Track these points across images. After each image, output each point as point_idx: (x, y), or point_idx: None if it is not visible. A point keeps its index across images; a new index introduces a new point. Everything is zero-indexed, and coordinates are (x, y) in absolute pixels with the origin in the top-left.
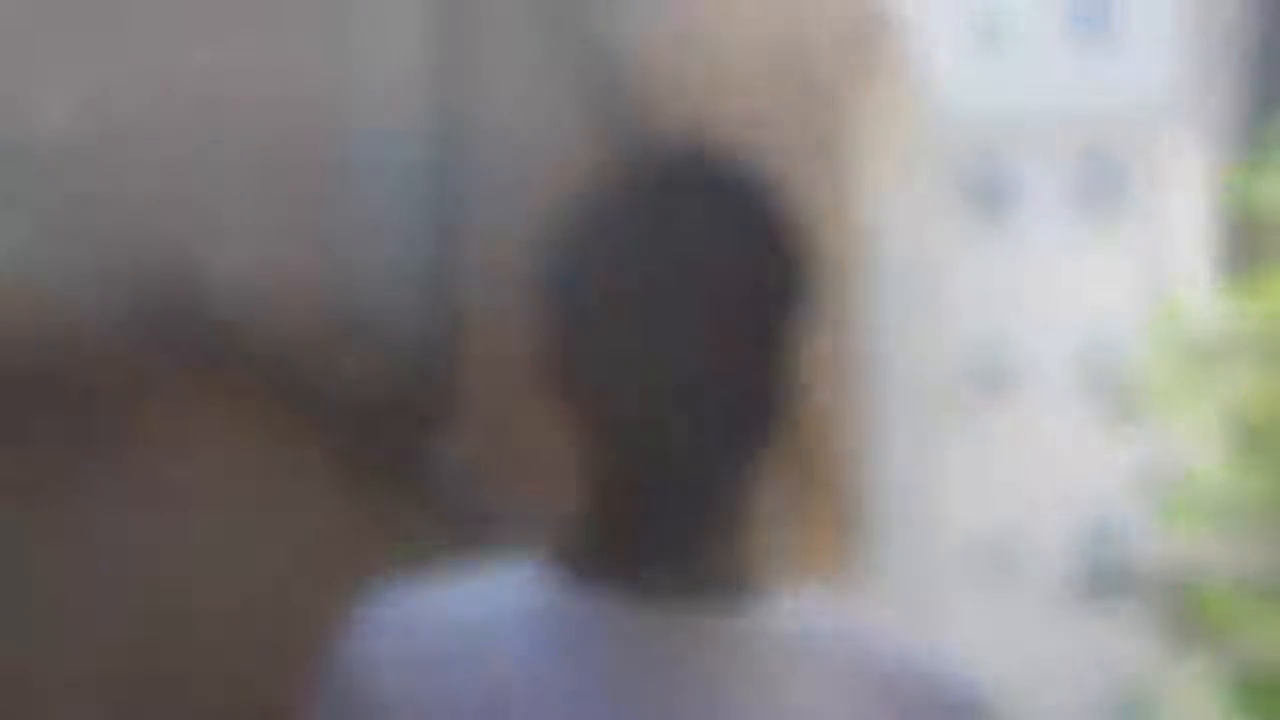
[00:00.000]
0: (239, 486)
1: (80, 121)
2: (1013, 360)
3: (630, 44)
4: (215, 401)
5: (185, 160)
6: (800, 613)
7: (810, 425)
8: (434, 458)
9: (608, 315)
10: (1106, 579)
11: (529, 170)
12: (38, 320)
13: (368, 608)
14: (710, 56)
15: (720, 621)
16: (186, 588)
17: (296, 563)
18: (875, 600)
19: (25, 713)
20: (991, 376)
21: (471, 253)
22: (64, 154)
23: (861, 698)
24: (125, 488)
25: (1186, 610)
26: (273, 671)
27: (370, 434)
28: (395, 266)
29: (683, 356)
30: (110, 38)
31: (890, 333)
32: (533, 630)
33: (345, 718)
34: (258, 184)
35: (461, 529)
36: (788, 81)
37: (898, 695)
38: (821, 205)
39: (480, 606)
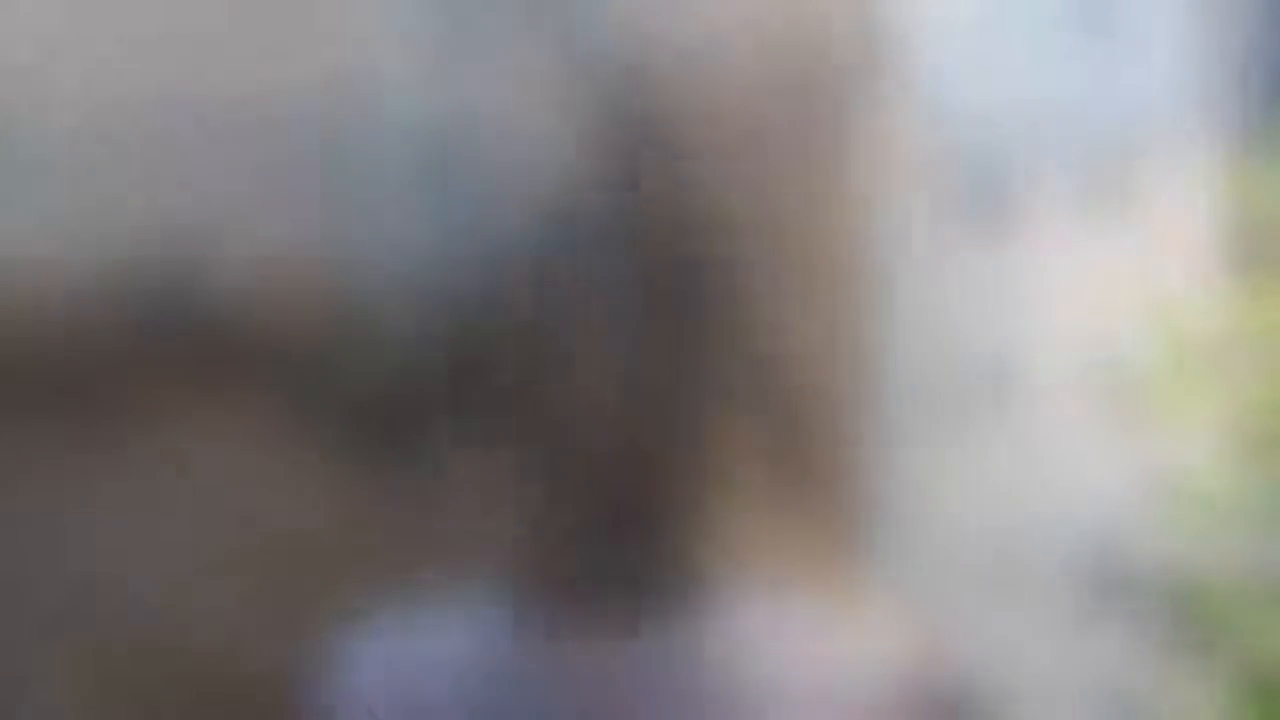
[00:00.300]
0: (237, 485)
1: (77, 116)
2: (1015, 362)
3: (626, 43)
4: (214, 399)
5: (183, 156)
6: (777, 631)
7: (809, 428)
8: (438, 456)
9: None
10: (1111, 582)
11: (531, 168)
12: (34, 314)
13: (349, 646)
14: (706, 56)
15: (687, 645)
16: (184, 586)
17: (295, 561)
18: (877, 603)
19: (18, 713)
20: (993, 378)
21: (476, 249)
22: (63, 147)
23: None
24: (121, 484)
25: (1190, 613)
26: (272, 670)
27: (373, 431)
28: (399, 263)
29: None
30: (106, 33)
31: (891, 334)
32: (488, 671)
33: None
34: (257, 181)
35: (465, 526)
36: (786, 83)
37: None
38: (820, 208)
39: (442, 644)
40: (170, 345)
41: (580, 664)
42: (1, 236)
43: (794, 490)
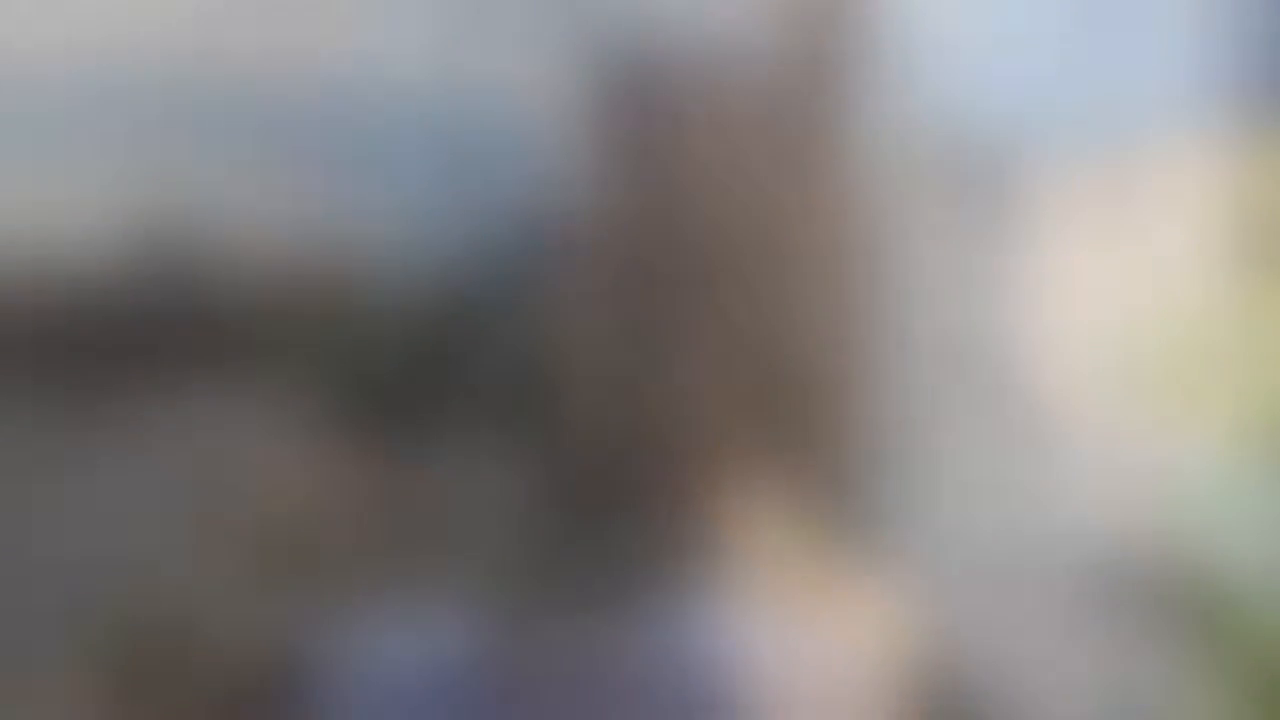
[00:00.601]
0: (237, 465)
1: (80, 98)
2: (1018, 357)
3: (631, 32)
4: (214, 380)
5: (185, 139)
6: (777, 627)
7: (811, 423)
8: (437, 439)
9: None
10: (1116, 579)
11: (535, 153)
12: (35, 294)
13: (345, 628)
14: (709, 47)
15: (684, 640)
16: (184, 564)
17: (294, 541)
18: (878, 600)
19: (15, 694)
20: (996, 373)
21: (478, 233)
22: (66, 130)
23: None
24: (120, 463)
25: (1197, 611)
26: (269, 646)
27: (373, 413)
28: (400, 247)
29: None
30: (107, 12)
31: (893, 329)
32: (479, 660)
33: None
34: (259, 163)
35: (461, 511)
36: (787, 72)
37: None
38: (820, 199)
39: (435, 632)
40: (171, 326)
41: (573, 654)
42: (4, 219)
43: (795, 486)
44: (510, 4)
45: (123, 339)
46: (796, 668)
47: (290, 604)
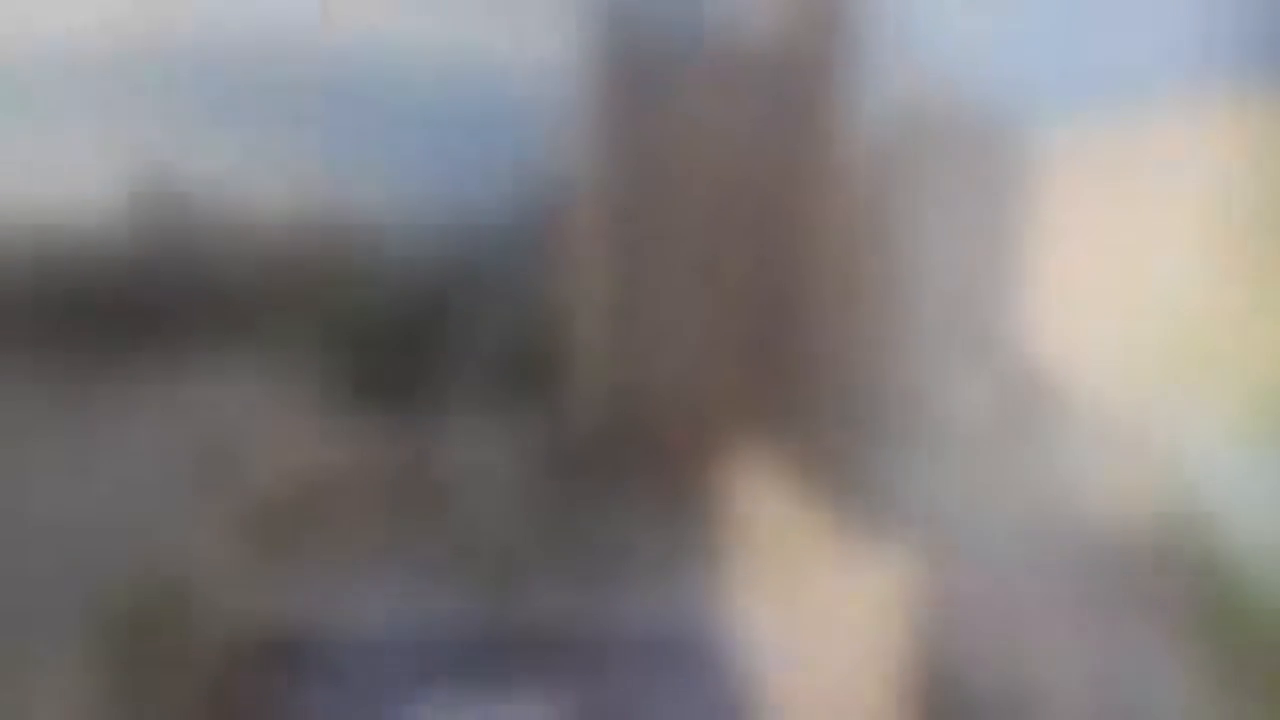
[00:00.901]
0: (237, 433)
1: (85, 61)
2: (1025, 344)
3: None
4: (214, 349)
5: (189, 105)
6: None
7: (817, 412)
8: (436, 408)
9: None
10: (1129, 566)
11: (538, 125)
12: (37, 260)
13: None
14: (711, 22)
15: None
16: (182, 530)
17: (292, 507)
18: (886, 593)
19: (15, 661)
20: (1001, 363)
21: (480, 201)
22: (66, 100)
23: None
24: (120, 432)
25: (1209, 596)
26: (270, 616)
27: (373, 383)
28: (400, 215)
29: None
30: None
31: (898, 314)
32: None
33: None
34: (259, 131)
35: (458, 480)
36: (790, 47)
37: None
38: (817, 177)
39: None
40: (172, 298)
41: (570, 626)
42: (6, 194)
43: (797, 466)
44: None
45: (124, 311)
46: (794, 648)
47: (291, 573)
